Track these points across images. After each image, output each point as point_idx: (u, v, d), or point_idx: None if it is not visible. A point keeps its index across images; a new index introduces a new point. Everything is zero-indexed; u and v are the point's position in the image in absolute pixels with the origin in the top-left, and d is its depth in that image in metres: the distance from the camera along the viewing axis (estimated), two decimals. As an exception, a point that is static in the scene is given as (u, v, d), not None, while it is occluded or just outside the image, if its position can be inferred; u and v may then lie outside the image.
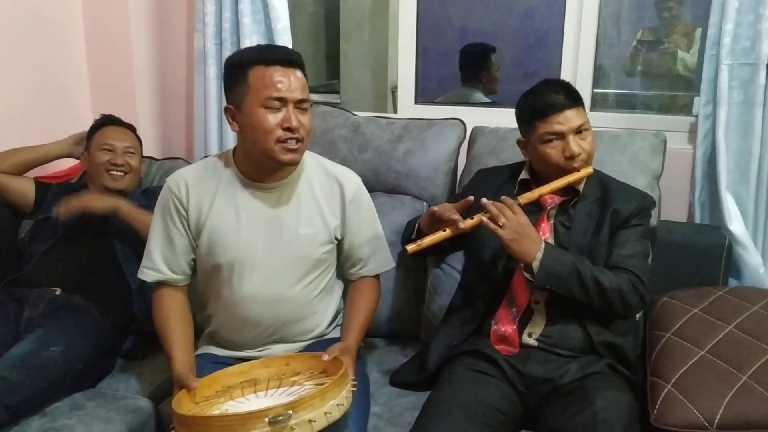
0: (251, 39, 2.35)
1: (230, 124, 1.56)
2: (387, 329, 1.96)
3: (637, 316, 1.76)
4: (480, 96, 2.98)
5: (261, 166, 1.58)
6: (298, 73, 1.53)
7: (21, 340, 1.68)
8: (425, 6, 2.53)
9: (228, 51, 2.38)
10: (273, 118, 1.49)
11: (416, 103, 2.52)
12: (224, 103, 2.31)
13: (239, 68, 1.51)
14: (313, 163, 1.67)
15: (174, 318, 1.60)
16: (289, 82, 1.49)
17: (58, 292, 1.84)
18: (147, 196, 2.10)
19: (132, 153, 2.09)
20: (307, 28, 3.75)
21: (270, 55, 1.50)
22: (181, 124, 2.69)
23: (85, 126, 2.20)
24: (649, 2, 2.59)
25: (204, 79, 2.44)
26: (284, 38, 2.34)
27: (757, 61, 1.89)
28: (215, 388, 1.47)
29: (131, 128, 2.15)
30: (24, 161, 2.14)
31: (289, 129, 1.49)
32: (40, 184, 2.14)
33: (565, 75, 2.29)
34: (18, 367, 1.55)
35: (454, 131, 2.10)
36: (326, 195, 1.65)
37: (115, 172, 2.04)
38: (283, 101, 1.49)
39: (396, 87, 3.36)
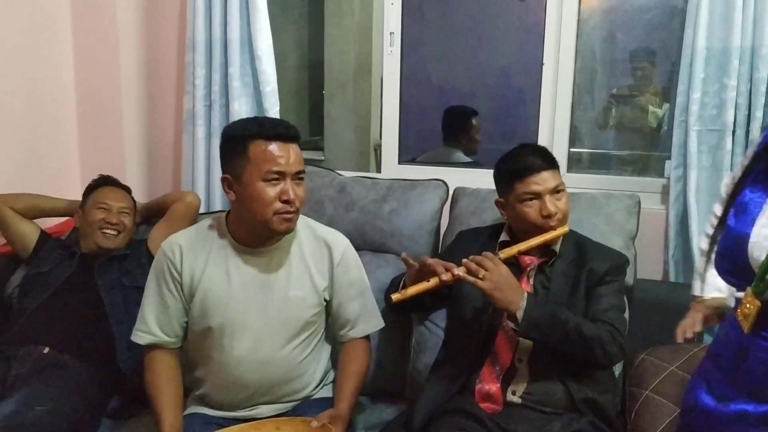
0: (240, 101, 2.43)
1: (227, 193, 1.61)
2: (372, 387, 1.97)
3: (617, 373, 1.81)
4: (461, 156, 3.07)
5: (254, 233, 1.63)
6: (296, 147, 1.59)
7: (7, 398, 1.69)
8: (407, 65, 2.62)
9: (217, 112, 2.46)
10: (272, 191, 1.54)
11: (399, 162, 2.60)
12: (212, 164, 2.47)
13: (239, 141, 1.56)
14: (302, 226, 1.72)
15: (164, 380, 1.62)
16: (288, 156, 1.56)
17: (47, 350, 1.85)
18: (130, 246, 2.15)
19: (126, 213, 2.14)
20: (291, 85, 3.85)
21: (270, 130, 1.56)
22: (167, 184, 2.74)
23: (75, 185, 2.24)
24: (620, 68, 2.72)
25: (193, 139, 2.51)
26: (272, 100, 2.43)
27: (723, 128, 1.99)
28: None
29: (127, 189, 2.21)
30: (37, 206, 2.22)
31: (287, 201, 1.55)
32: (44, 234, 2.18)
33: (543, 136, 2.39)
34: (2, 428, 1.55)
35: (437, 192, 2.17)
36: (315, 257, 1.70)
37: (108, 231, 2.08)
38: (282, 175, 1.55)
39: (379, 146, 3.46)
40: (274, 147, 1.55)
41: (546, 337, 1.57)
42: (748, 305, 1.14)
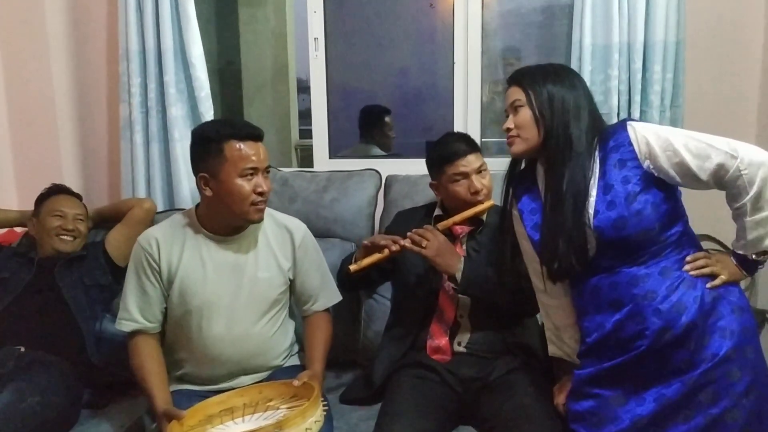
0: (176, 107, 2.57)
1: (203, 189, 1.77)
2: (328, 357, 2.18)
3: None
4: (377, 151, 3.31)
5: (226, 223, 1.82)
6: (263, 145, 1.79)
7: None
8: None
9: (154, 118, 2.58)
10: (248, 185, 1.73)
11: (330, 157, 2.82)
12: (151, 167, 2.60)
13: (214, 141, 1.73)
14: (265, 216, 1.90)
15: (150, 362, 1.77)
16: (259, 153, 1.76)
17: (23, 349, 1.94)
18: (86, 248, 2.26)
19: (81, 220, 2.24)
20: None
21: (242, 130, 1.75)
22: (103, 189, 2.82)
23: (10, 195, 2.31)
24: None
25: (131, 145, 2.61)
26: (206, 105, 2.58)
27: (609, 111, 2.34)
28: (198, 418, 1.64)
29: (79, 197, 2.30)
30: None
31: (261, 193, 1.75)
32: None
33: (458, 128, 2.67)
34: (1, 419, 1.65)
35: (372, 180, 2.42)
36: (278, 242, 1.90)
37: (65, 237, 2.18)
38: (256, 170, 1.75)
39: (299, 145, 3.66)
40: (247, 146, 1.74)
41: (481, 293, 1.86)
42: None
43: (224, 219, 1.81)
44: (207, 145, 1.75)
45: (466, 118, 2.66)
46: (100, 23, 2.71)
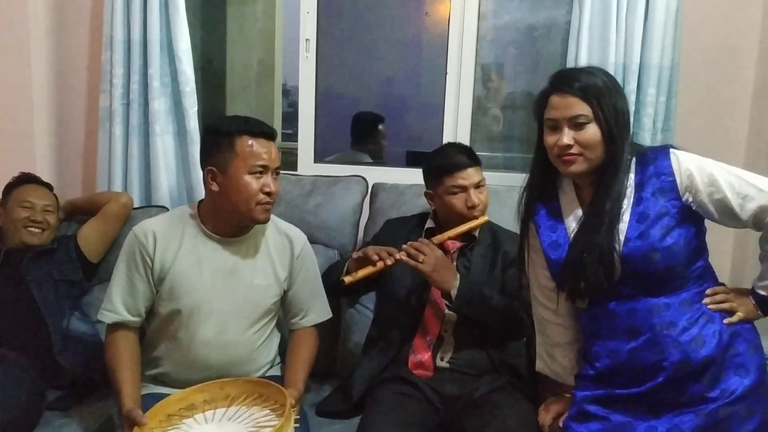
0: (159, 101, 2.48)
1: (210, 184, 1.71)
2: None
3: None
4: (367, 159, 3.25)
5: (228, 223, 1.75)
6: (275, 145, 1.74)
7: None
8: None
9: (135, 111, 2.49)
10: (256, 183, 1.68)
11: (315, 161, 2.76)
12: (129, 161, 2.51)
13: (226, 136, 1.68)
14: None
15: (125, 356, 1.68)
16: (270, 152, 1.70)
17: (-16, 345, 1.84)
18: (57, 241, 2.16)
19: (50, 211, 2.13)
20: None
21: (256, 127, 1.70)
22: (77, 181, 2.72)
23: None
24: (517, 79, 2.97)
25: (110, 137, 2.52)
26: (191, 100, 2.50)
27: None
28: (159, 418, 1.53)
29: (49, 187, 2.20)
30: None
31: (268, 193, 1.69)
32: None
33: (447, 140, 2.63)
34: None
35: (357, 187, 2.37)
36: (278, 250, 1.84)
37: (33, 229, 2.08)
38: (266, 168, 1.69)
39: (280, 148, 3.57)
40: (259, 143, 1.69)
41: (474, 313, 1.82)
42: None
43: (227, 217, 1.74)
44: (219, 138, 1.70)
45: (456, 130, 2.63)
46: (85, 10, 2.61)
